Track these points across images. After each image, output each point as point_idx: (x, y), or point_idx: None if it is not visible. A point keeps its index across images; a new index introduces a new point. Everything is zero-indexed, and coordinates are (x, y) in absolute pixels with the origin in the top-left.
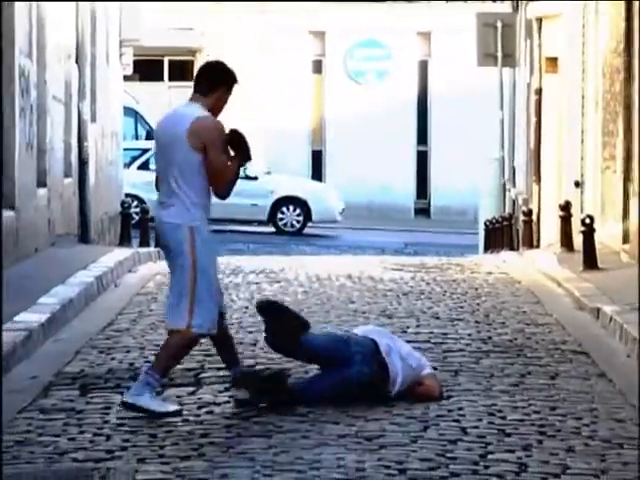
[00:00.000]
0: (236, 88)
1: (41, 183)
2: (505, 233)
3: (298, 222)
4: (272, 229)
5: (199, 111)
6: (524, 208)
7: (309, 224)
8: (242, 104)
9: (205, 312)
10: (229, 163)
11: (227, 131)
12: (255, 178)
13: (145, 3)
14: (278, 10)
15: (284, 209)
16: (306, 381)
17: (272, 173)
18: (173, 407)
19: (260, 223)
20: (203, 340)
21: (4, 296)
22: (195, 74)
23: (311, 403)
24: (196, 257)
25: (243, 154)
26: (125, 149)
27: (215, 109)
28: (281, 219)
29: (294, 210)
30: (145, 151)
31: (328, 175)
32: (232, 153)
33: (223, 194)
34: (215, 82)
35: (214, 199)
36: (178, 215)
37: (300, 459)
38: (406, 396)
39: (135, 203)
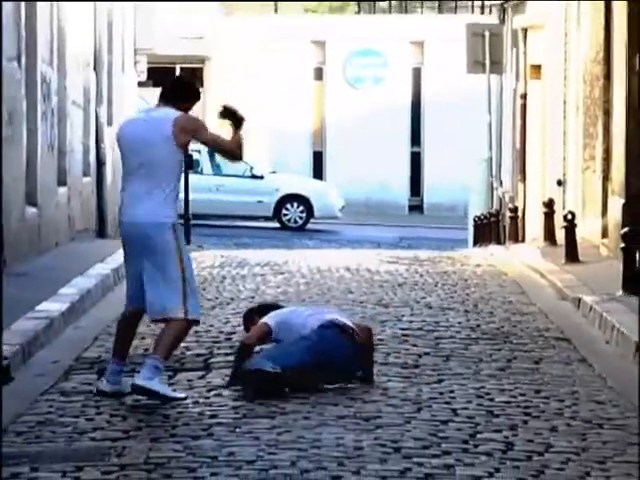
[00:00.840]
0: (245, 94)
1: (62, 182)
2: (492, 228)
3: (301, 218)
4: (277, 224)
5: (176, 112)
6: (510, 205)
7: (311, 220)
8: (249, 109)
9: (194, 300)
10: (232, 135)
11: (220, 107)
12: (261, 177)
13: (158, 13)
14: (282, 22)
15: (288, 206)
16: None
17: (277, 172)
18: (181, 394)
19: (266, 219)
20: (211, 328)
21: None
22: (167, 85)
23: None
24: (181, 251)
25: (238, 119)
26: None
27: None
28: (285, 215)
29: (297, 207)
30: None
31: (328, 174)
32: (230, 127)
33: (238, 156)
34: (185, 98)
35: (226, 197)
36: (158, 213)
37: (302, 438)
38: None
39: None
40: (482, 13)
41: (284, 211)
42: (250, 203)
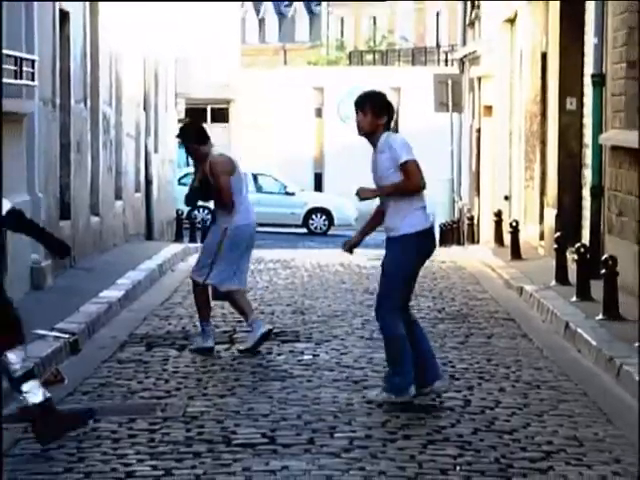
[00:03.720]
0: (261, 128)
1: (118, 197)
2: (454, 233)
3: (324, 226)
4: (305, 230)
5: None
6: (468, 215)
7: (332, 227)
8: (266, 141)
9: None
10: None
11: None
12: (293, 194)
13: (193, 65)
14: (289, 72)
15: (314, 216)
16: None
17: (304, 190)
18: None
19: (296, 226)
20: (234, 310)
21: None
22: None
23: None
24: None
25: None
26: (185, 174)
27: None
28: (312, 224)
29: (321, 217)
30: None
31: (326, 191)
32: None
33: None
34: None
35: (265, 210)
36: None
37: (305, 397)
38: None
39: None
40: (446, 65)
41: (311, 221)
42: (284, 214)
